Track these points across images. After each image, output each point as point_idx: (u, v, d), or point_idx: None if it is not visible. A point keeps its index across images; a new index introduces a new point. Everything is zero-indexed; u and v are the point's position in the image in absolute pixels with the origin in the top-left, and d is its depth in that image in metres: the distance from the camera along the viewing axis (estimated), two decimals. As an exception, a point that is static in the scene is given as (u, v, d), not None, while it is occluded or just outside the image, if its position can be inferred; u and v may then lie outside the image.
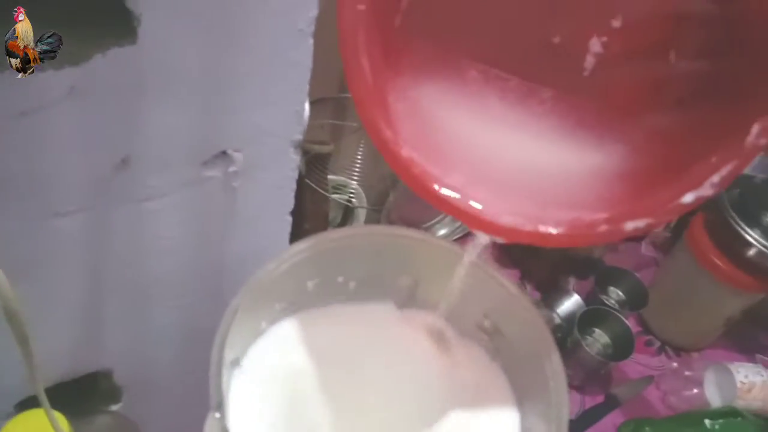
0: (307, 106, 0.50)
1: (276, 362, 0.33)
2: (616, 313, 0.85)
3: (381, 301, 0.38)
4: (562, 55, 0.30)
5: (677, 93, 0.29)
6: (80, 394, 0.56)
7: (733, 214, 0.81)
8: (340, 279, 0.37)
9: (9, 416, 0.44)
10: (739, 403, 0.81)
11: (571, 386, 0.85)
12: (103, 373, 0.57)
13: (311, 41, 0.45)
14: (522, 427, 0.32)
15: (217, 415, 0.26)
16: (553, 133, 0.31)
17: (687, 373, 0.86)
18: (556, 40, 0.30)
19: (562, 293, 0.88)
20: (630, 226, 0.27)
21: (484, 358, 0.36)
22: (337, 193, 0.73)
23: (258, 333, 0.33)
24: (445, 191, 0.28)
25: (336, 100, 0.64)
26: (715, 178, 0.25)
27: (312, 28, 0.44)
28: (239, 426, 0.28)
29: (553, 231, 0.27)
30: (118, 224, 0.47)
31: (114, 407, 0.61)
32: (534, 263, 0.96)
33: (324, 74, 0.48)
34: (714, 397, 0.84)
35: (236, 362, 0.31)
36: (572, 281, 0.97)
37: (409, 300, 0.38)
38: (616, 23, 0.29)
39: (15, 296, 0.31)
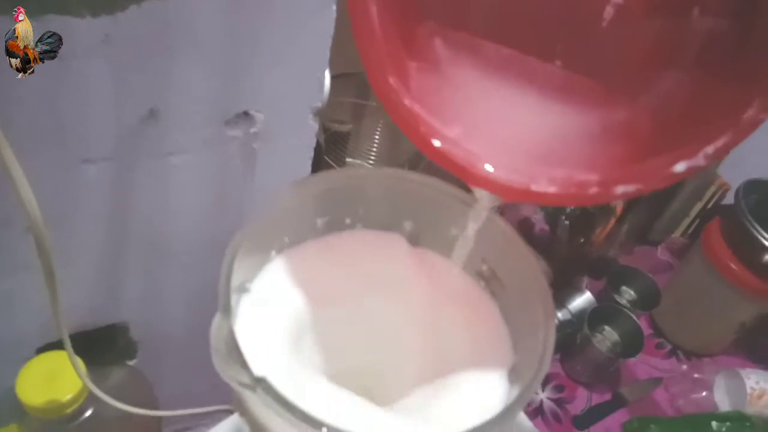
0: (327, 74, 0.51)
1: (280, 287, 0.34)
2: (626, 311, 0.84)
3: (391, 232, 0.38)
4: (581, 3, 0.29)
5: (692, 54, 0.28)
6: (98, 345, 0.58)
7: (750, 219, 0.80)
8: (348, 221, 0.38)
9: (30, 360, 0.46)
10: (749, 410, 0.79)
11: (579, 382, 0.85)
12: (120, 326, 0.59)
13: (333, 8, 0.46)
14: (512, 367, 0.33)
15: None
16: (558, 93, 0.30)
17: (696, 375, 0.85)
18: None
19: (575, 290, 0.88)
20: (620, 190, 0.26)
21: (486, 302, 0.36)
22: (354, 175, 0.74)
23: (267, 261, 0.35)
24: (438, 143, 0.28)
25: (358, 77, 0.66)
26: (710, 149, 0.25)
27: (335, -3, 0.46)
28: (245, 329, 0.29)
29: (545, 189, 0.27)
30: (143, 176, 0.48)
31: (130, 363, 0.63)
32: (548, 260, 0.96)
33: (348, 49, 0.50)
34: (723, 402, 0.83)
35: (244, 287, 0.33)
36: (585, 280, 0.96)
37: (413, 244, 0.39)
38: None
39: (46, 232, 0.31)
